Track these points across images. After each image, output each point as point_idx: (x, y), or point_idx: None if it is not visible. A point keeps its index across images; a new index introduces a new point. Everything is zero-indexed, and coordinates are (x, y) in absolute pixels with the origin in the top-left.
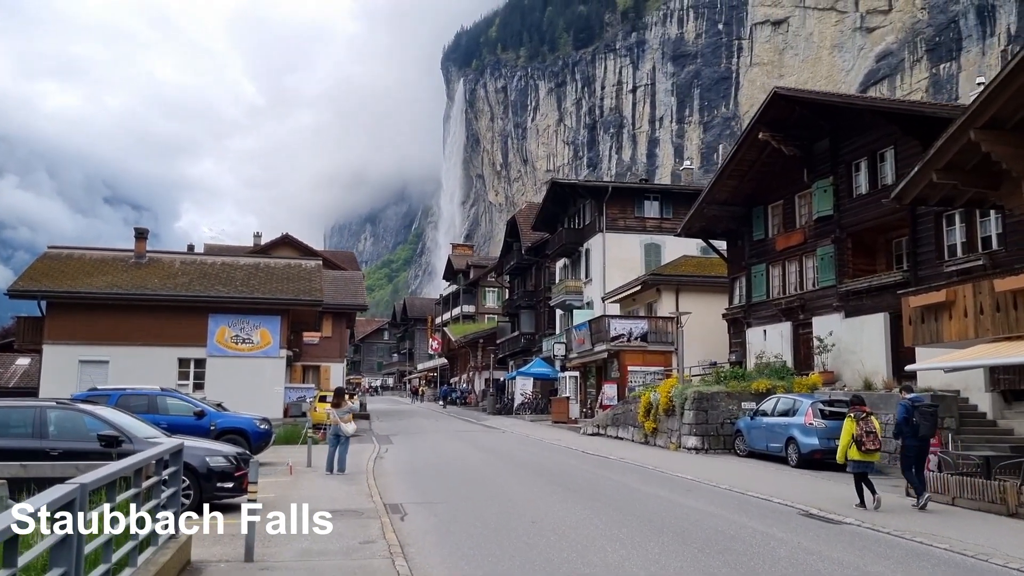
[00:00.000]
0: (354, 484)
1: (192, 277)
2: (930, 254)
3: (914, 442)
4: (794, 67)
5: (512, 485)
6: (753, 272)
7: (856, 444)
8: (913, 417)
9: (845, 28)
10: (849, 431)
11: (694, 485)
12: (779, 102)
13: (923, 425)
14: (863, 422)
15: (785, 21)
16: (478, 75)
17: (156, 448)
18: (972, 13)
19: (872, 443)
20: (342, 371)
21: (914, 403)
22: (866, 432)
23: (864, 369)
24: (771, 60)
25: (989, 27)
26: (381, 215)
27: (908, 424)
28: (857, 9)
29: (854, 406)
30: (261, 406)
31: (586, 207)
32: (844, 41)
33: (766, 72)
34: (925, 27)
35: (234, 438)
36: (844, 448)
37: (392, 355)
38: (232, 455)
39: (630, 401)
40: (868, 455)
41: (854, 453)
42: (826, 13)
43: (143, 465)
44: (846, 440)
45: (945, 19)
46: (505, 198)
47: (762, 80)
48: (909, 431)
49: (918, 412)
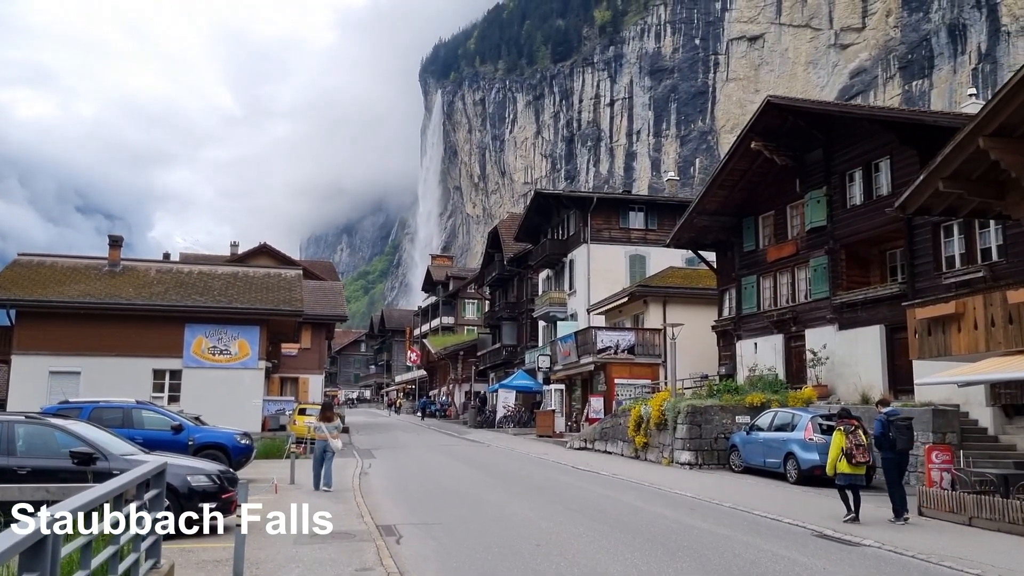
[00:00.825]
0: (342, 503)
1: (168, 286)
2: (927, 266)
3: (891, 455)
4: (770, 83)
5: (508, 503)
6: (743, 283)
7: (846, 457)
8: (890, 431)
9: (820, 45)
10: (839, 444)
11: (697, 504)
12: (772, 111)
13: (900, 439)
14: (852, 435)
15: (761, 37)
16: (456, 87)
17: (138, 469)
18: (943, 32)
19: (862, 456)
20: (321, 383)
21: (890, 417)
22: (856, 445)
23: (861, 383)
24: (747, 75)
25: (960, 45)
26: (358, 226)
27: (885, 438)
28: (832, 26)
29: (842, 419)
30: (239, 419)
31: (570, 218)
32: (819, 57)
33: (742, 87)
34: (898, 45)
35: (213, 453)
36: (834, 461)
37: (369, 367)
38: (215, 473)
39: (619, 414)
40: (858, 468)
41: (844, 466)
42: (801, 30)
43: (123, 491)
44: (835, 453)
45: (917, 37)
46: (483, 210)
47: (738, 95)
48: (887, 445)
49: (894, 426)
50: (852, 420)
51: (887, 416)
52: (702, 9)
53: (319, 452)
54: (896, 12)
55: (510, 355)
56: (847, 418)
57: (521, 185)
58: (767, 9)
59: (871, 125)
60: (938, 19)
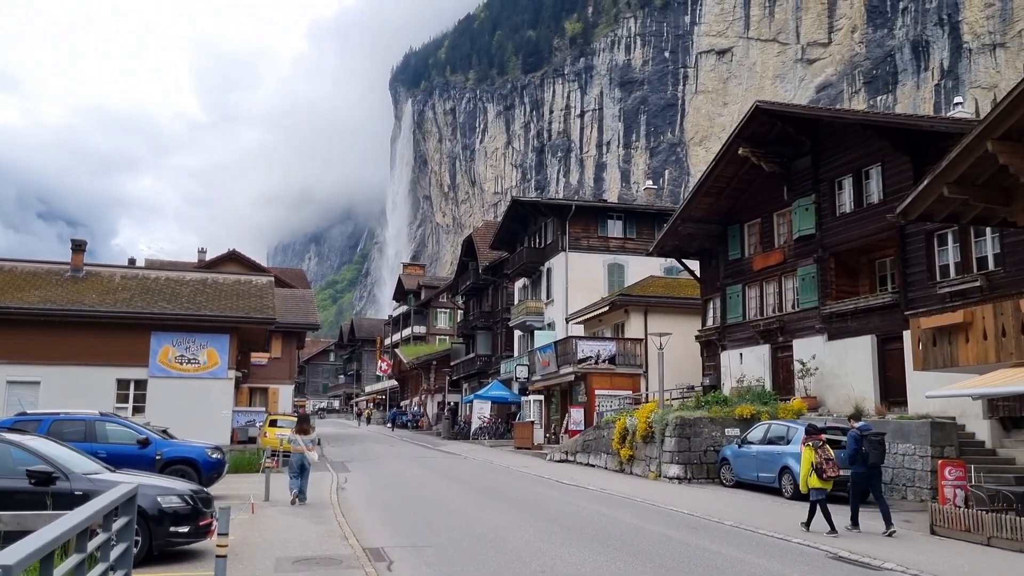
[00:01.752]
0: (323, 522)
1: (133, 292)
2: (921, 275)
3: (863, 470)
4: (738, 95)
5: (500, 522)
6: (728, 293)
7: (816, 472)
8: (862, 446)
9: (787, 59)
10: (809, 460)
11: (698, 522)
12: (760, 116)
13: (872, 453)
14: (821, 450)
15: (729, 51)
16: (427, 96)
17: (106, 496)
18: (907, 48)
19: (832, 470)
20: (291, 394)
21: (863, 432)
22: (825, 459)
23: (854, 393)
24: (715, 88)
25: (923, 62)
26: (326, 235)
27: (858, 453)
28: (798, 41)
29: (810, 435)
30: (207, 431)
31: (547, 226)
32: (786, 72)
33: (711, 100)
34: (863, 60)
35: (182, 469)
36: (805, 477)
37: (338, 377)
38: (187, 494)
39: (602, 426)
40: (827, 482)
41: (815, 481)
42: (768, 44)
43: (88, 525)
44: (807, 469)
45: (882, 53)
46: (453, 219)
47: (707, 108)
48: (859, 459)
49: (866, 440)
50: (820, 436)
51: (860, 431)
52: (671, 22)
53: (295, 465)
54: (861, 28)
55: (484, 365)
56: (815, 434)
57: (491, 195)
58: (735, 23)
59: (864, 131)
60: (902, 35)
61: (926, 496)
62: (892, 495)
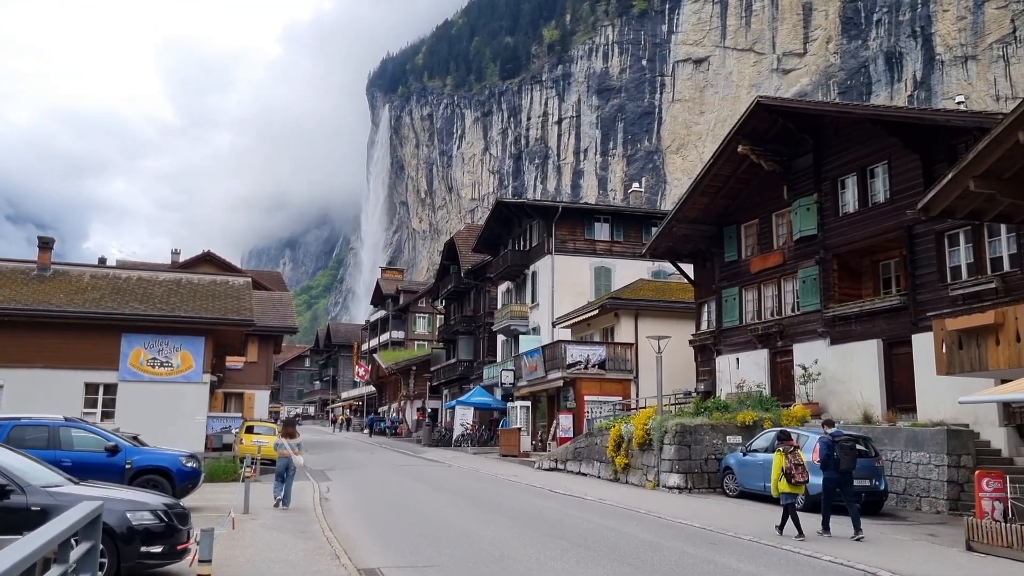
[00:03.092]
0: (309, 538)
1: (104, 292)
2: (931, 276)
3: (834, 475)
4: (714, 104)
5: (502, 537)
6: (724, 296)
7: (786, 477)
8: (834, 451)
9: (763, 69)
10: (779, 465)
11: (714, 537)
12: (760, 113)
13: (843, 459)
14: (791, 455)
15: (706, 60)
16: (404, 102)
17: (64, 520)
18: (881, 59)
19: (801, 475)
20: (267, 399)
21: (834, 438)
22: (795, 465)
23: (862, 399)
24: (692, 97)
25: (897, 73)
26: (301, 240)
27: (830, 458)
28: (774, 51)
29: (782, 441)
30: (180, 437)
31: (533, 228)
32: (762, 81)
33: (687, 108)
34: (837, 71)
35: (155, 479)
36: (776, 482)
37: (314, 383)
38: (161, 509)
39: (595, 433)
40: (797, 487)
41: (784, 486)
42: (745, 54)
43: (41, 556)
44: (777, 474)
45: (856, 64)
46: (429, 225)
47: (684, 116)
48: (831, 465)
49: (838, 446)
50: (791, 441)
51: (832, 436)
52: (649, 30)
53: (280, 469)
54: (836, 39)
55: (466, 371)
56: (786, 440)
57: (468, 201)
58: (712, 32)
59: (872, 126)
60: (876, 47)
61: (943, 507)
62: (906, 506)
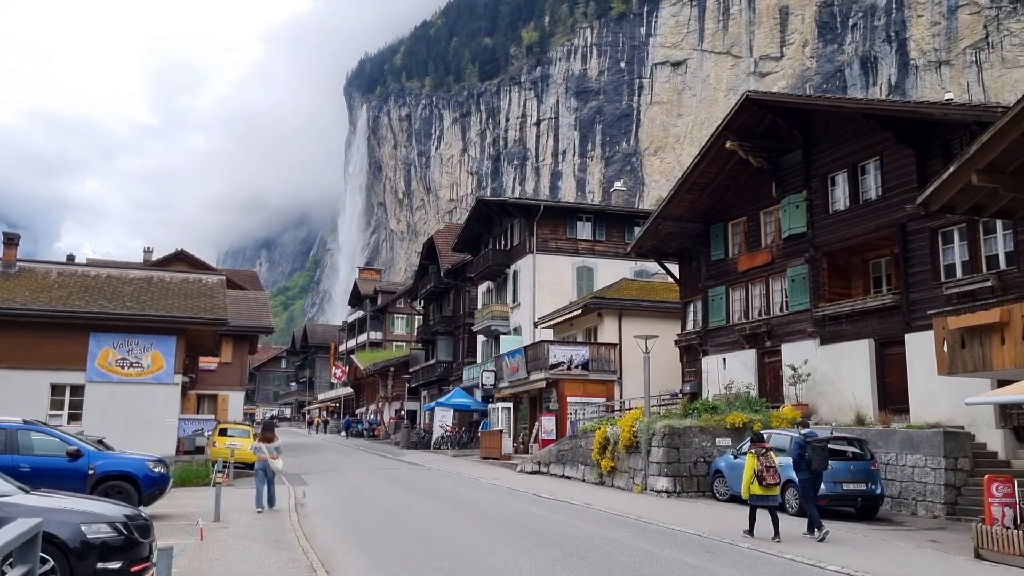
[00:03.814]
0: (284, 548)
1: (71, 290)
2: (925, 275)
3: (808, 475)
4: (692, 107)
5: (490, 547)
6: (711, 295)
7: (758, 479)
8: (806, 452)
9: (740, 72)
10: (751, 467)
11: (711, 545)
12: (750, 108)
13: (815, 459)
14: (763, 458)
15: (684, 63)
16: (382, 102)
17: None
18: (856, 63)
19: (772, 477)
20: (242, 401)
21: (807, 439)
22: (766, 467)
23: (855, 401)
24: (670, 99)
25: (872, 77)
26: (278, 240)
27: (802, 459)
28: (751, 55)
29: (755, 443)
30: (151, 440)
31: (514, 227)
32: (739, 84)
33: (665, 111)
34: (813, 75)
35: (120, 485)
36: (747, 484)
37: (290, 384)
38: (120, 520)
39: (580, 436)
40: (769, 489)
41: (756, 488)
42: (722, 57)
43: None
44: (749, 476)
45: (832, 68)
46: (407, 226)
47: (662, 119)
48: (804, 465)
49: (810, 447)
50: (763, 444)
51: (804, 437)
52: (627, 33)
53: (259, 469)
54: (812, 43)
55: (446, 372)
56: (759, 442)
57: (447, 202)
58: (690, 36)
59: (866, 121)
60: (851, 51)
61: (939, 512)
62: (901, 511)
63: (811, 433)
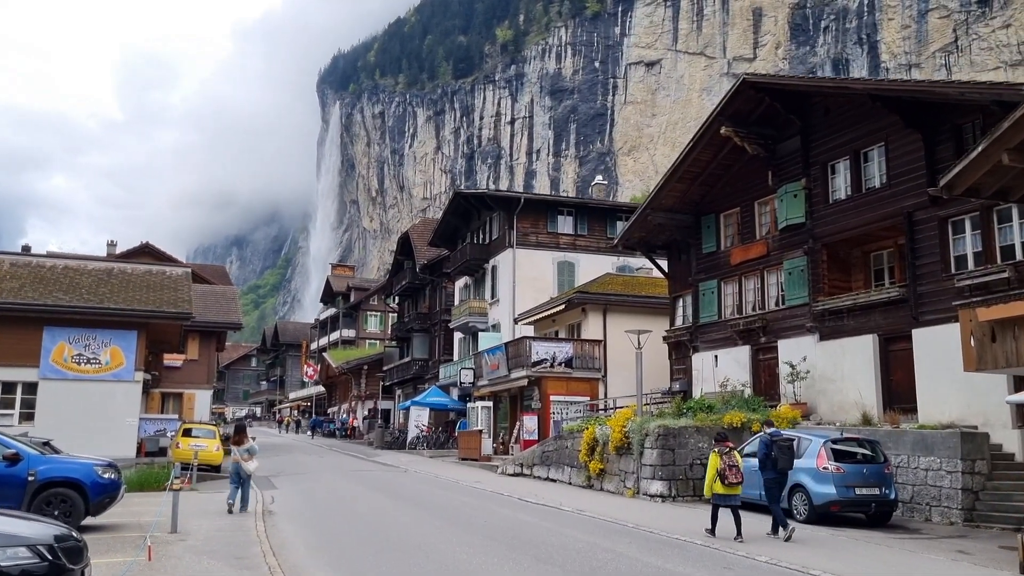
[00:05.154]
0: (248, 568)
1: (24, 281)
2: (933, 267)
3: (773, 475)
4: (666, 107)
5: (482, 564)
6: (702, 289)
7: (720, 478)
8: (772, 451)
9: (714, 72)
10: (714, 466)
11: (725, 559)
12: (747, 92)
13: (781, 458)
14: (727, 456)
15: (658, 63)
16: (355, 99)
17: None
18: (828, 65)
19: (734, 476)
20: (209, 399)
21: (772, 438)
22: (729, 466)
23: (852, 399)
24: (644, 99)
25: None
26: (249, 238)
27: (768, 458)
28: (725, 55)
29: (719, 442)
30: (109, 441)
31: (493, 221)
32: (712, 85)
33: (639, 111)
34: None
35: (64, 493)
36: (710, 483)
37: (260, 383)
38: (45, 543)
39: (566, 436)
40: (731, 488)
41: (719, 487)
42: (696, 57)
43: None
44: (712, 475)
45: (804, 69)
46: (380, 224)
47: (635, 118)
48: (769, 465)
49: (776, 446)
50: (727, 443)
51: (771, 437)
52: (602, 32)
53: (234, 472)
54: (785, 44)
55: (421, 370)
56: (723, 441)
57: (420, 200)
58: (664, 36)
59: (871, 104)
60: (823, 53)
61: (956, 518)
62: (914, 516)
63: (776, 432)
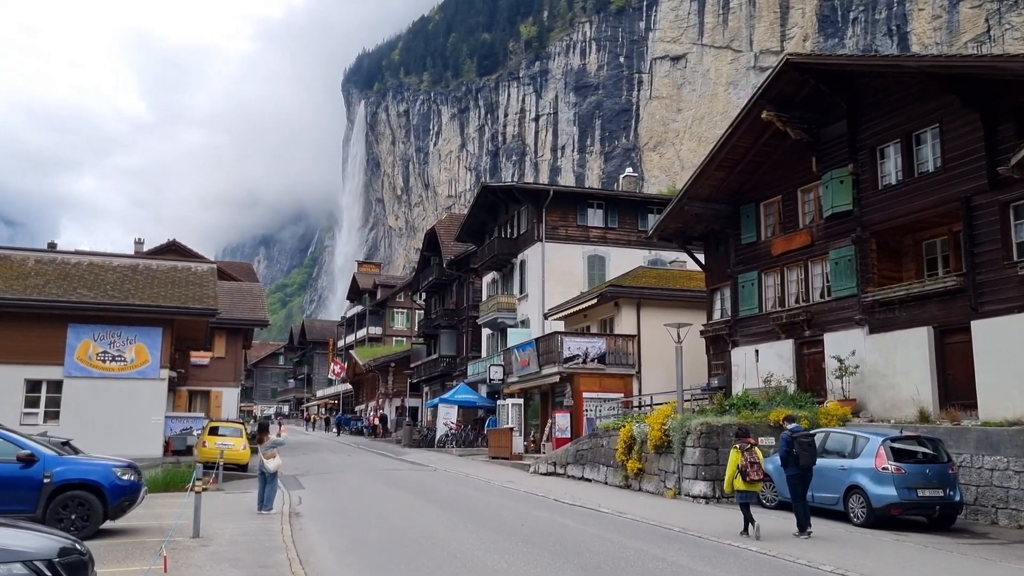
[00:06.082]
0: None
1: (48, 278)
2: (994, 254)
3: (796, 471)
4: (691, 102)
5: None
6: (741, 281)
7: (741, 474)
8: (793, 448)
9: (740, 66)
10: (735, 462)
11: (787, 568)
12: (790, 73)
13: (803, 455)
14: (748, 453)
15: (683, 57)
16: (380, 98)
17: None
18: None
19: (756, 473)
20: (237, 397)
21: (794, 434)
22: (750, 463)
23: (905, 395)
24: (669, 94)
25: None
26: (276, 237)
27: (789, 455)
28: (751, 48)
29: (740, 438)
30: (134, 440)
31: (521, 214)
32: (739, 79)
33: (665, 106)
34: None
35: (81, 496)
36: (731, 479)
37: (288, 381)
38: (43, 558)
39: (600, 434)
40: (752, 485)
41: (740, 484)
42: (722, 51)
43: None
44: (732, 471)
45: None
46: (405, 222)
47: (661, 113)
48: (791, 462)
49: (797, 443)
50: (748, 439)
51: (791, 433)
52: (626, 28)
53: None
54: (813, 37)
55: (449, 367)
56: (745, 437)
57: (445, 198)
58: (690, 30)
59: (928, 82)
60: (852, 45)
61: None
62: (978, 519)
63: (797, 428)
